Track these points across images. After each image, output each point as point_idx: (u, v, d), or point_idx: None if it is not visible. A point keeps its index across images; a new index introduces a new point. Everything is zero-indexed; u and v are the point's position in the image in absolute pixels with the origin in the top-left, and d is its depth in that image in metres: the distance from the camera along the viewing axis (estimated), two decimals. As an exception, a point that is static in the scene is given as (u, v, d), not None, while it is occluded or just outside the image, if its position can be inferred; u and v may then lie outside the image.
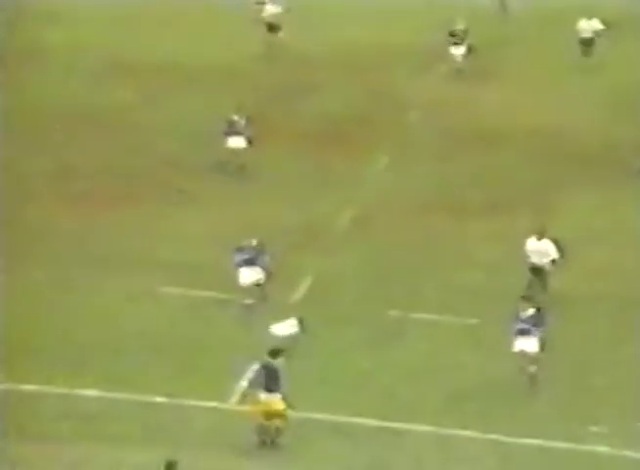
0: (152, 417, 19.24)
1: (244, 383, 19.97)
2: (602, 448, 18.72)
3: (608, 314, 22.04)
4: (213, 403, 19.64)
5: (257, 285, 21.81)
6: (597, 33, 32.29)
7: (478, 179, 27.44)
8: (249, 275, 21.65)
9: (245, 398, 18.87)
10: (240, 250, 22.04)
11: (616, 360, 20.63)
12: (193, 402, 19.64)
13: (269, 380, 18.26)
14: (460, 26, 33.26)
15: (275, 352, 18.46)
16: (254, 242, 21.87)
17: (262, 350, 20.06)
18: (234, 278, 22.57)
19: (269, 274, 21.66)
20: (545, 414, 19.45)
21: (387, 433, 18.65)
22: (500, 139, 29.02)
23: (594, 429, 19.10)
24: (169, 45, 34.54)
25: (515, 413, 19.41)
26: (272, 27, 34.96)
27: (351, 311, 21.68)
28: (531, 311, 19.65)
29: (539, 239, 22.10)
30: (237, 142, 27.64)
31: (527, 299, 19.82)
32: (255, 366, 18.70)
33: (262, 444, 18.32)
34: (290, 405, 18.23)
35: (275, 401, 18.25)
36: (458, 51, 32.78)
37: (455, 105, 30.59)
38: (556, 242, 22.05)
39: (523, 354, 19.56)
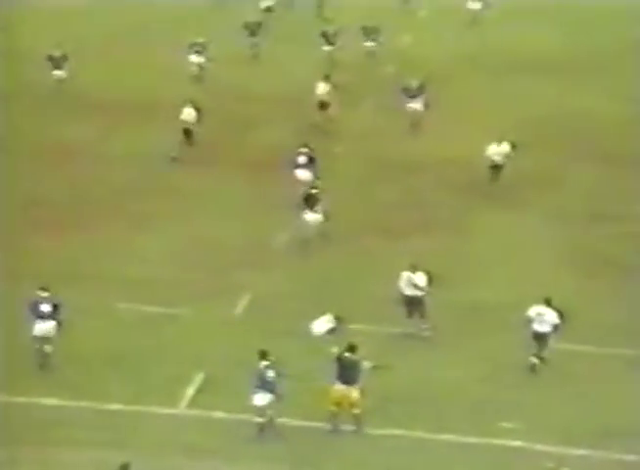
0: (108, 423, 18.91)
1: (191, 390, 19.75)
2: (514, 442, 18.64)
3: (518, 322, 21.66)
4: (164, 409, 19.34)
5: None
6: (507, 157, 28.05)
7: (402, 203, 27.42)
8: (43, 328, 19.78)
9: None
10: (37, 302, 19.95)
11: (526, 362, 20.62)
12: (145, 408, 19.34)
13: (345, 372, 18.17)
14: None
15: (353, 348, 18.31)
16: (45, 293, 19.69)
17: (206, 359, 20.17)
18: (182, 294, 22.49)
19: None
20: (464, 413, 19.40)
21: (319, 432, 18.51)
22: (421, 167, 28.98)
23: (507, 425, 19.03)
24: (129, 83, 34.43)
25: (437, 412, 19.33)
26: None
27: (289, 324, 21.40)
28: (265, 364, 18.46)
29: (414, 273, 21.47)
30: (305, 175, 27.25)
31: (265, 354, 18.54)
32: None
33: (334, 430, 18.37)
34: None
35: (351, 393, 18.20)
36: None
37: (381, 136, 30.59)
38: (428, 274, 21.52)
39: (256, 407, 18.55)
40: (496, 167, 27.62)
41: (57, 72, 33.19)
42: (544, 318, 20.13)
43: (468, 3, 38.88)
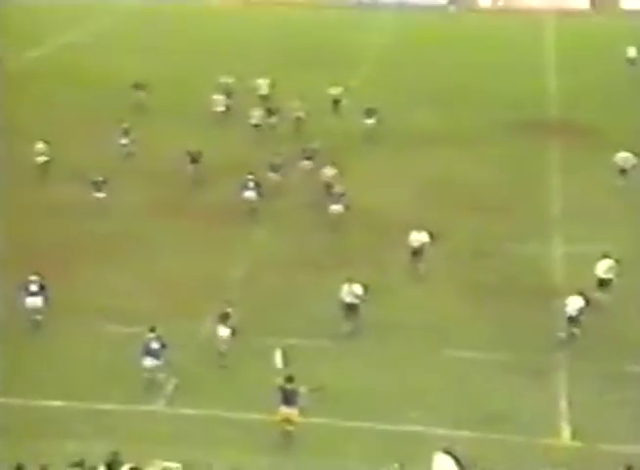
0: (102, 419, 20.74)
1: (168, 391, 21.61)
2: (417, 428, 20.63)
3: (414, 337, 23.95)
4: (146, 407, 21.24)
5: None
6: (425, 245, 26.51)
7: (326, 245, 28.92)
8: None
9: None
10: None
11: (427, 368, 22.84)
12: (131, 407, 21.18)
13: (287, 398, 19.87)
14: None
15: (290, 379, 19.90)
16: None
17: (178, 366, 21.75)
18: (157, 316, 23.46)
19: None
20: (380, 404, 21.20)
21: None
22: (343, 217, 29.97)
23: (412, 414, 20.99)
24: (59, 148, 33.96)
25: (359, 404, 21.23)
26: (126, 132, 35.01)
27: (240, 341, 23.01)
28: (150, 337, 21.15)
29: (350, 284, 23.56)
30: (250, 195, 30.19)
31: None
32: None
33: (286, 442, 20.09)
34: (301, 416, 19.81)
35: (291, 413, 19.93)
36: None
37: (304, 188, 31.88)
38: (365, 286, 23.63)
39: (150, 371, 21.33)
40: (416, 254, 26.61)
41: (98, 195, 30.84)
42: (574, 304, 23.54)
43: (364, 119, 36.99)
